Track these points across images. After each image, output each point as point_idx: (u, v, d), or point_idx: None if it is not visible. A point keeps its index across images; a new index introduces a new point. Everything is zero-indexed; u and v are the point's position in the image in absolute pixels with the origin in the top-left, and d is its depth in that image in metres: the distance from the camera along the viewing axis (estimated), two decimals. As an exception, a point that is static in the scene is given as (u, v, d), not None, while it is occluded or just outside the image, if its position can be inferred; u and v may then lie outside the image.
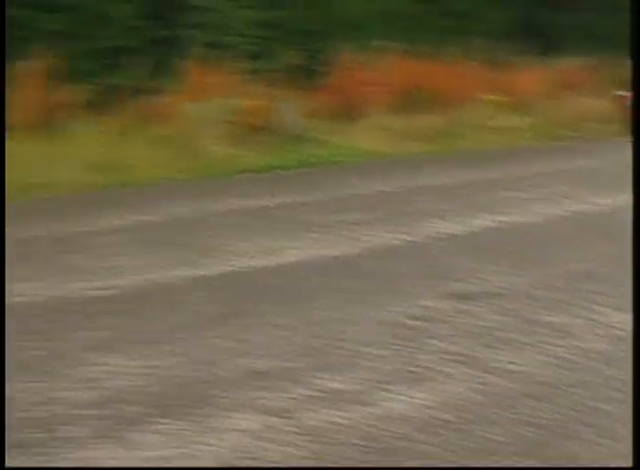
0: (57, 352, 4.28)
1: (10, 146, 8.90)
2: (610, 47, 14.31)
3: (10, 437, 3.24)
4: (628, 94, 8.78)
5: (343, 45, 12.34)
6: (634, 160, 3.92)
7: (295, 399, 3.71)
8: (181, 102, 10.66)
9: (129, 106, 10.58)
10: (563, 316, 4.85)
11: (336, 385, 3.85)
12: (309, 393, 3.77)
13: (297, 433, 3.37)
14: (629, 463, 2.94)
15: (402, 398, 3.71)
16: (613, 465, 3.21)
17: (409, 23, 13.92)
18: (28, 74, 10.54)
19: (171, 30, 12.44)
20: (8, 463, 3.08)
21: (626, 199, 5.76)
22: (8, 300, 4.78)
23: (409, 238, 6.75)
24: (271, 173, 9.64)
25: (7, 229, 6.20)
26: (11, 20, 11.58)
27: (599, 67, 14.74)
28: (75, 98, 10.49)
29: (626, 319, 4.38)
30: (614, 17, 15.60)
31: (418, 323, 4.70)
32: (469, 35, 14.09)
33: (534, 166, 10.60)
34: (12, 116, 10.09)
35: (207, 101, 10.68)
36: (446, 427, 3.42)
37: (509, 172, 10.21)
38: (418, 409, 3.60)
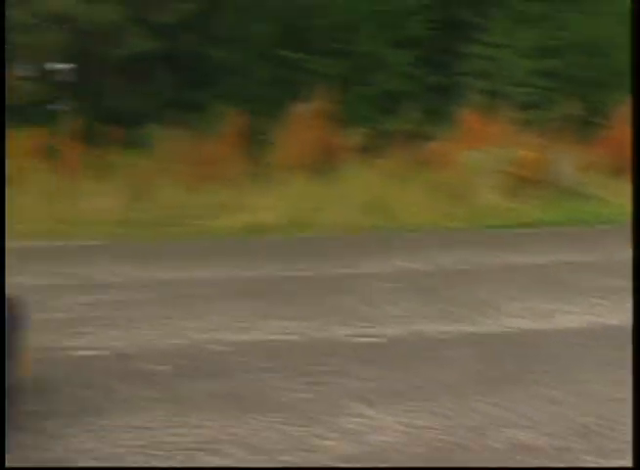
0: (320, 398, 4.24)
1: (285, 185, 9.21)
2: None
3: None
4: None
5: (624, 95, 11.71)
6: (634, 163, 3.35)
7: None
8: (455, 149, 10.56)
9: (403, 151, 10.64)
10: None
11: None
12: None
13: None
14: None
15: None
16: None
17: None
18: (305, 117, 10.91)
19: (448, 77, 12.44)
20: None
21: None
22: (273, 336, 4.82)
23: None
24: (545, 228, 9.23)
25: (271, 266, 6.21)
26: (287, 62, 12.15)
27: None
28: (350, 141, 10.71)
29: None
30: None
31: None
32: None
33: None
34: (289, 156, 10.47)
35: (482, 150, 10.50)
36: None
37: None
38: None
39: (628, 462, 3.36)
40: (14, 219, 7.04)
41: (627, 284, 6.75)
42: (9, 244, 5.10)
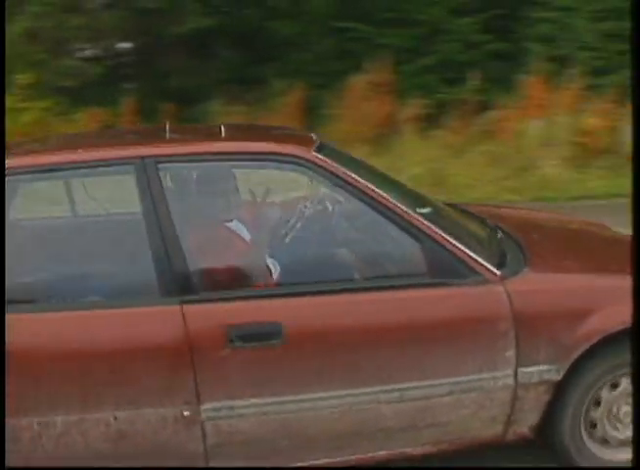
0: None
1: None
2: None
3: None
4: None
5: None
6: (634, 162, 3.10)
7: None
8: (519, 118, 10.22)
9: (465, 121, 10.36)
10: None
11: None
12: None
13: None
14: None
15: None
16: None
17: None
18: (365, 89, 10.71)
19: (511, 43, 12.06)
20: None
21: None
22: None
23: None
24: (612, 200, 8.84)
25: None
26: (347, 34, 11.96)
27: None
28: (410, 112, 10.48)
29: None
30: None
31: None
32: None
33: None
34: (348, 129, 10.31)
35: (548, 118, 10.13)
36: None
37: None
38: None
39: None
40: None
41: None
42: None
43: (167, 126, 3.69)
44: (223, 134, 3.58)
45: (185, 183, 3.48)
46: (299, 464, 3.24)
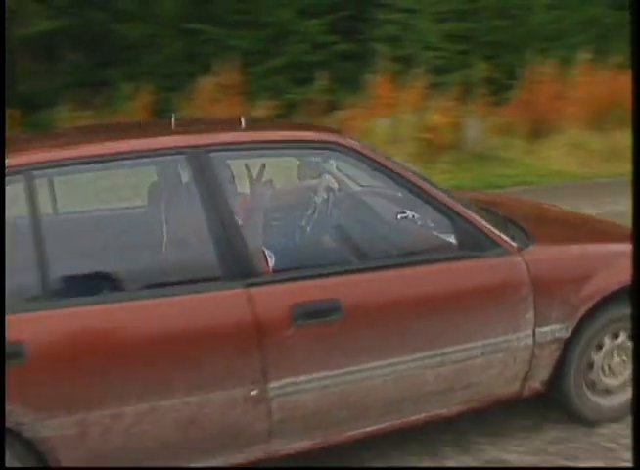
0: None
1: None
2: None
3: None
4: None
5: (536, 57, 11.71)
6: (634, 162, 3.49)
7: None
8: (367, 117, 10.44)
9: (315, 121, 10.49)
10: None
11: None
12: None
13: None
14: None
15: None
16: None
17: (606, 32, 13.08)
18: (214, 90, 10.71)
19: (358, 44, 12.32)
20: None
21: None
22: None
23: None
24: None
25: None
26: (195, 36, 11.92)
27: None
28: (261, 113, 10.54)
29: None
30: None
31: None
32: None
33: None
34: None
35: (394, 116, 10.39)
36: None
37: None
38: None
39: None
40: None
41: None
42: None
43: (173, 119, 3.64)
44: (244, 124, 3.57)
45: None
46: (351, 433, 3.40)
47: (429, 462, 3.60)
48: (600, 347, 3.79)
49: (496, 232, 3.50)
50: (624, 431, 3.76)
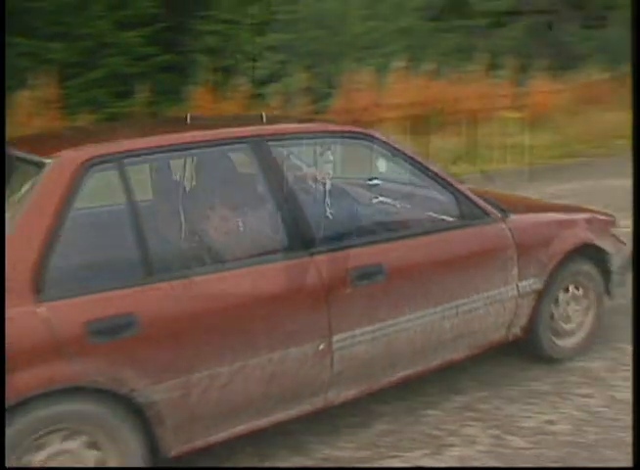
0: None
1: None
2: (625, 60, 13.97)
3: None
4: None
5: (352, 66, 12.12)
6: (634, 162, 3.94)
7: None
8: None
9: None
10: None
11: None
12: None
13: None
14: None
15: None
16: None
17: (420, 41, 13.70)
18: (32, 104, 10.45)
19: (180, 56, 12.33)
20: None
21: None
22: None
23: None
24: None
25: None
26: (13, 48, 11.58)
27: (620, 80, 14.39)
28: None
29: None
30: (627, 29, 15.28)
31: None
32: (479, 51, 13.82)
33: (552, 187, 10.20)
34: None
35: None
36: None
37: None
38: None
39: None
40: None
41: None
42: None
43: (188, 117, 4.04)
44: (265, 119, 4.01)
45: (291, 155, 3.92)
46: (388, 379, 3.92)
47: (259, 464, 3.66)
48: (558, 298, 4.56)
49: (485, 205, 4.20)
50: (446, 418, 4.01)
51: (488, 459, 3.63)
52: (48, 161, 3.15)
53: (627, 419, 3.83)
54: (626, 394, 4.16)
